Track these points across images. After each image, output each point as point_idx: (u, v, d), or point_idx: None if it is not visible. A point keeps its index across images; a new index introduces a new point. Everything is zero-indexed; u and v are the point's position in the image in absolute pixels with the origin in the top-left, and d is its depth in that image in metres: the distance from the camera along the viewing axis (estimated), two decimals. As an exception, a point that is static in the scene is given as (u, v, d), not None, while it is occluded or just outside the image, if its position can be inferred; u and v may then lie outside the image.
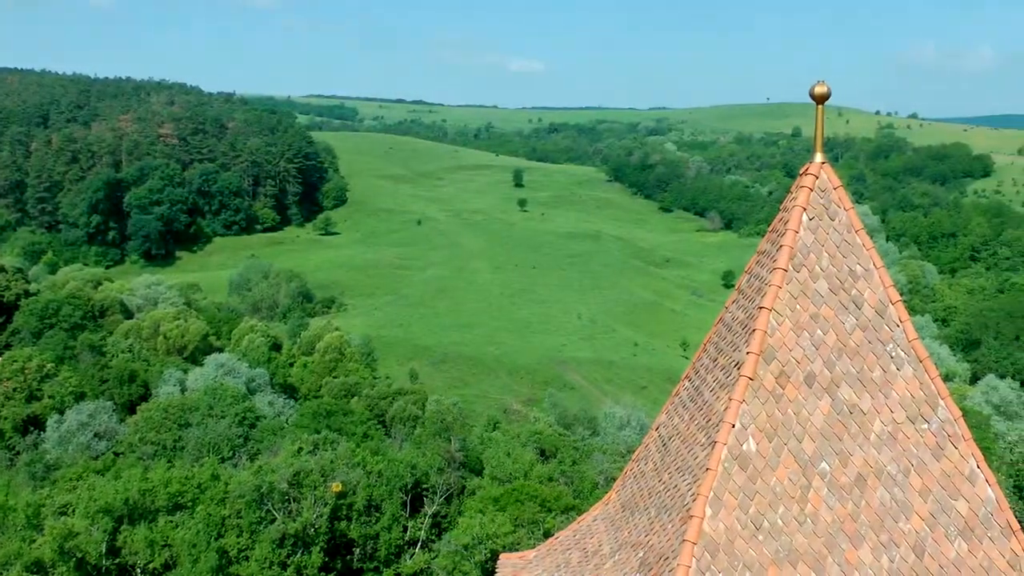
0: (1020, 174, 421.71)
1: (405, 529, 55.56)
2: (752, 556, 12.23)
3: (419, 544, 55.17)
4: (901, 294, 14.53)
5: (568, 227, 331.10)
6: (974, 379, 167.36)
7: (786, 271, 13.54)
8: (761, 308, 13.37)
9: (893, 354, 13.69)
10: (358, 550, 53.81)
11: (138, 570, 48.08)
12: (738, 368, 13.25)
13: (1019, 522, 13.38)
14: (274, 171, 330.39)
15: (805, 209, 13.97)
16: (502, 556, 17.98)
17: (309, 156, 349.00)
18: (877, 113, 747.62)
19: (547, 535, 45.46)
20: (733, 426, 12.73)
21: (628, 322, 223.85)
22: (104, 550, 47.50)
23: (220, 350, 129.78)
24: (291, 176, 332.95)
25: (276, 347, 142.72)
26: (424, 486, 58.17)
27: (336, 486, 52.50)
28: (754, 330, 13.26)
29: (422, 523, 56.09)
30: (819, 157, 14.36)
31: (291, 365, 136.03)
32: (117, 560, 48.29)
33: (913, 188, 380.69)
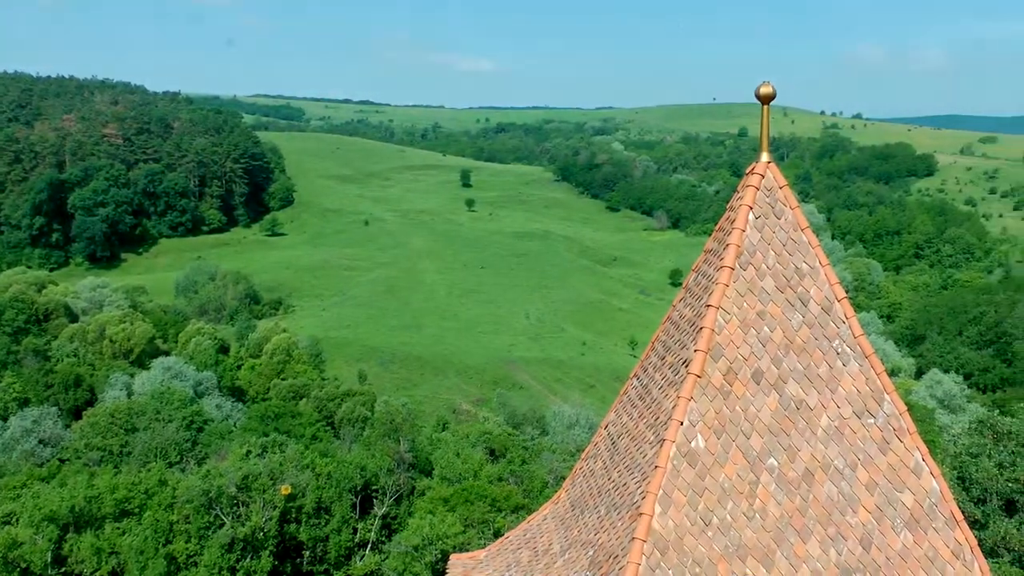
0: (963, 173, 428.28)
1: (355, 531, 55.34)
2: (701, 552, 12.29)
3: (369, 546, 54.97)
4: (847, 291, 14.68)
5: (516, 227, 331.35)
6: (919, 374, 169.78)
7: (733, 269, 13.62)
8: (708, 306, 13.44)
9: (839, 350, 13.82)
10: (308, 553, 53.53)
11: (84, 578, 47.45)
12: (686, 366, 13.31)
13: (962, 513, 13.57)
14: (220, 171, 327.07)
15: (751, 208, 14.06)
16: (452, 556, 17.95)
17: (256, 156, 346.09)
18: (822, 113, 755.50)
19: (497, 535, 45.48)
20: (681, 423, 12.79)
21: (576, 321, 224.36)
22: (49, 559, 46.81)
23: (167, 353, 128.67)
24: (237, 177, 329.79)
25: (224, 350, 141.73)
26: (374, 487, 57.94)
27: (285, 489, 52.17)
28: (702, 328, 13.32)
29: (372, 525, 55.88)
30: (765, 156, 14.46)
31: (239, 368, 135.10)
32: (63, 569, 47.64)
33: (858, 187, 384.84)
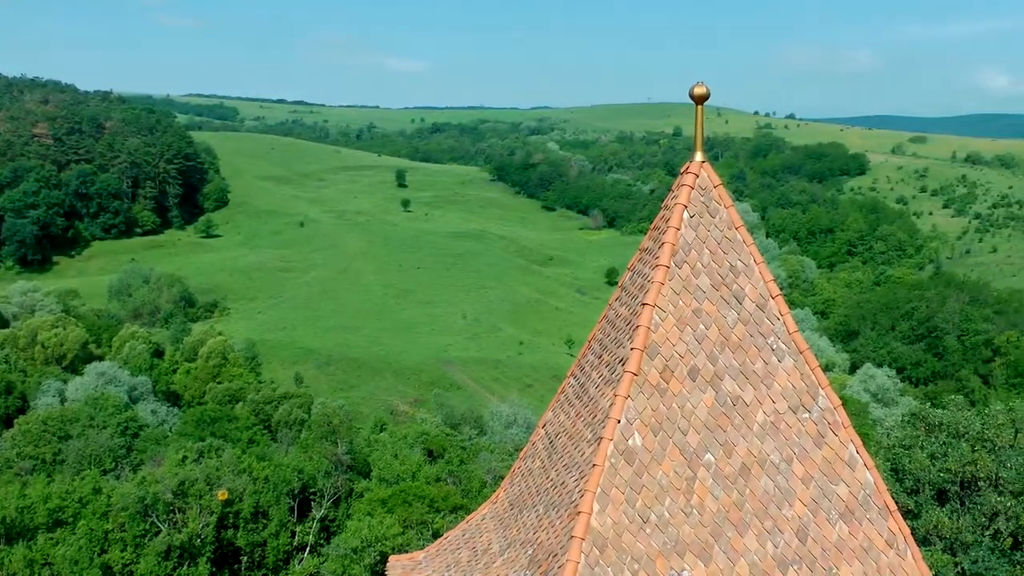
0: (894, 172, 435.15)
1: (293, 535, 54.97)
2: (640, 549, 12.36)
3: (307, 549, 54.61)
4: (781, 288, 14.82)
5: (452, 227, 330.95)
6: (853, 368, 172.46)
7: (668, 268, 13.71)
8: (644, 304, 13.51)
9: (774, 347, 13.98)
10: (245, 558, 53.07)
11: (17, 589, 46.58)
12: (622, 364, 13.37)
13: (896, 503, 13.79)
14: (153, 172, 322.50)
15: (686, 207, 14.16)
16: (391, 558, 17.88)
17: (189, 157, 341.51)
18: (756, 113, 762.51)
19: (436, 535, 45.40)
20: (619, 422, 12.85)
21: (513, 321, 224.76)
22: (-20, 572, 45.95)
23: (100, 358, 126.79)
24: (171, 177, 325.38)
25: (158, 354, 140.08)
26: (311, 490, 57.60)
27: (222, 494, 51.66)
28: (638, 326, 13.39)
29: (310, 528, 55.51)
30: (699, 156, 14.57)
31: (174, 372, 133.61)
32: (-6, 582, 46.78)
33: (791, 186, 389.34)
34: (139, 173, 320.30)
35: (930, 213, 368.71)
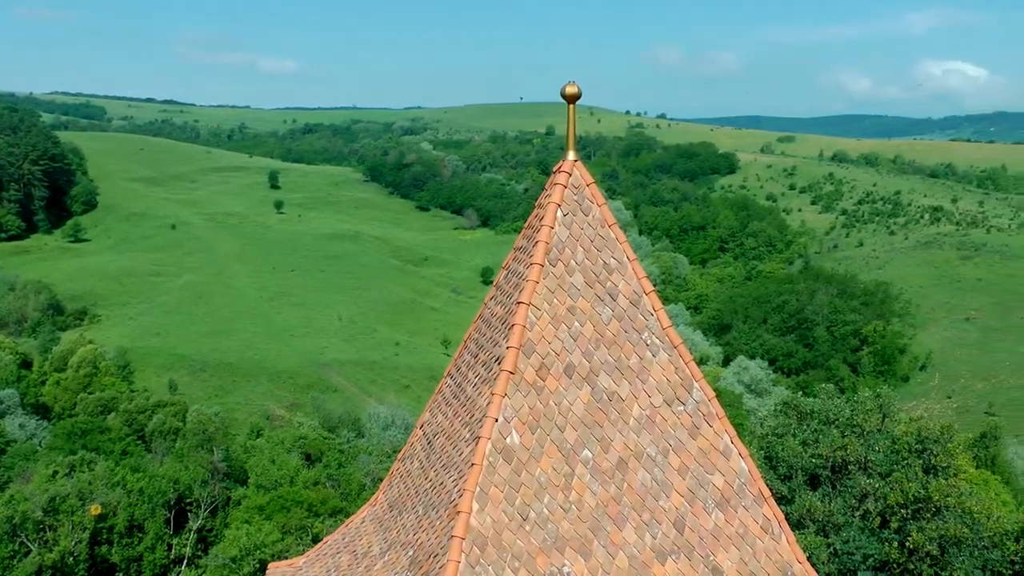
0: (763, 171, 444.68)
1: (170, 547, 53.91)
2: (520, 547, 12.40)
3: (185, 561, 53.61)
4: (654, 285, 15.03)
5: (326, 228, 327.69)
6: (726, 361, 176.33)
7: (542, 266, 13.78)
8: (519, 303, 13.56)
9: (648, 342, 14.15)
10: (121, 574, 51.80)
11: None
12: (499, 363, 13.39)
13: (770, 490, 14.12)
14: (17, 174, 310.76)
15: (559, 205, 14.24)
16: (271, 566, 17.63)
17: (56, 158, 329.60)
18: (627, 113, 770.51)
19: (316, 540, 44.96)
20: (496, 420, 12.86)
21: (389, 322, 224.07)
22: None
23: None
24: (36, 180, 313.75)
25: (26, 364, 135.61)
26: (188, 500, 56.57)
27: (95, 509, 50.37)
28: (513, 325, 13.43)
29: (187, 539, 54.51)
30: (572, 155, 14.66)
31: (43, 383, 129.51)
32: None
33: (663, 184, 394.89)
34: (2, 175, 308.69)
35: (799, 210, 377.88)
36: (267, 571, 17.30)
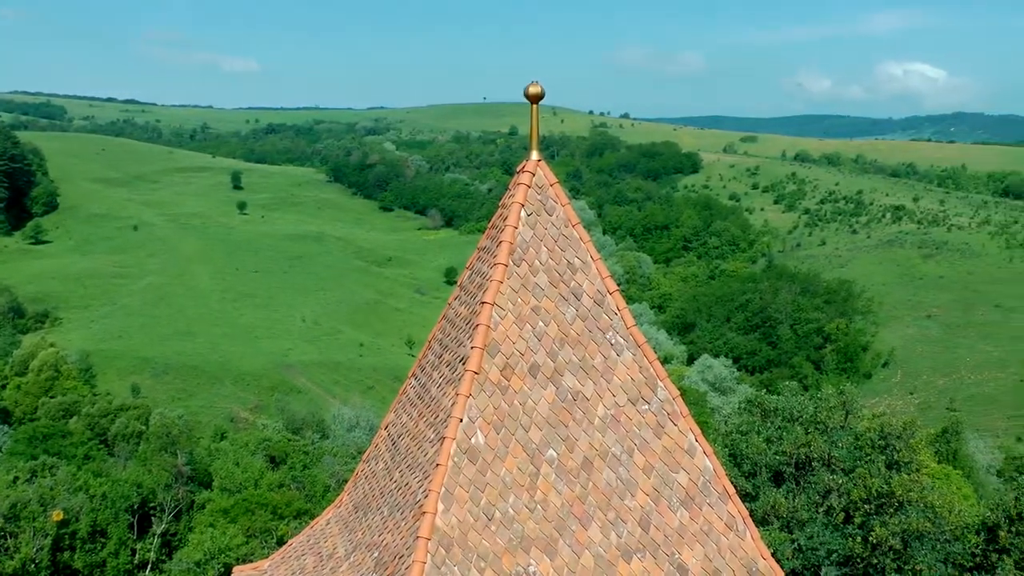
0: (726, 170, 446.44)
1: (133, 552, 53.46)
2: (486, 547, 12.40)
3: (149, 567, 53.21)
4: (619, 284, 15.06)
5: (289, 229, 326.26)
6: (690, 360, 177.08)
7: (506, 266, 13.78)
8: (483, 303, 13.56)
9: (613, 341, 14.19)
10: (83, 578, 51.31)
11: None
12: (463, 363, 13.39)
13: (735, 487, 14.21)
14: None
15: (523, 205, 14.25)
16: (235, 569, 17.52)
17: (16, 158, 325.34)
18: (591, 113, 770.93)
19: (281, 543, 44.75)
20: (461, 420, 12.86)
21: (353, 323, 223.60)
22: None
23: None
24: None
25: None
26: (151, 504, 56.16)
27: (57, 514, 49.88)
28: (477, 325, 13.43)
29: (151, 544, 54.12)
30: (535, 155, 14.67)
31: (3, 387, 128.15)
32: None
33: (627, 183, 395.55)
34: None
35: (762, 209, 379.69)
36: (232, 575, 17.19)
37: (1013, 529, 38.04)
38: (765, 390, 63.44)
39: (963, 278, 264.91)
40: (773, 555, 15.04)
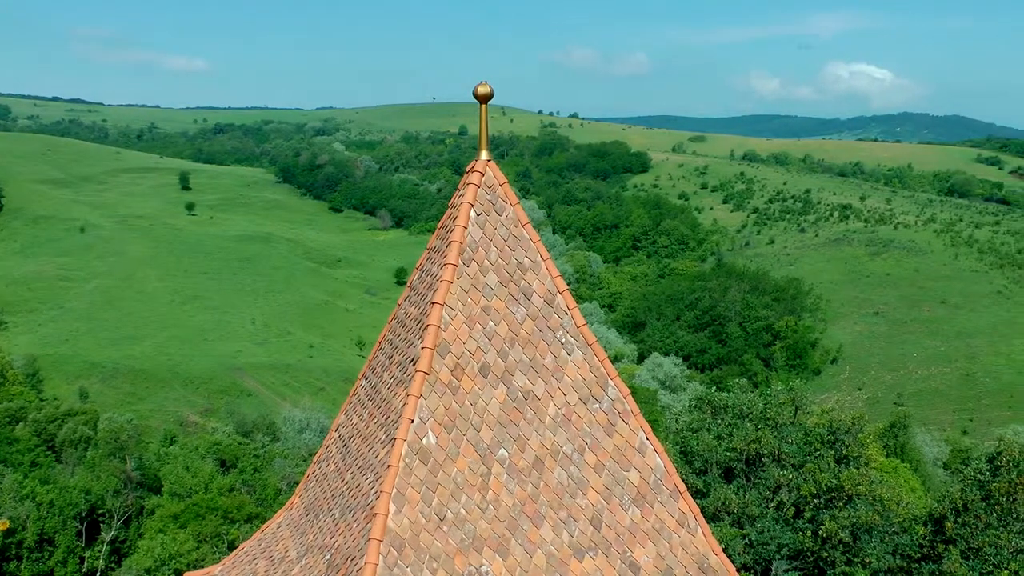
0: (675, 170, 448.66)
1: (82, 560, 52.82)
2: (438, 547, 12.39)
3: (98, 574, 52.52)
4: (568, 283, 15.12)
5: (238, 230, 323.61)
6: (641, 358, 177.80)
7: (456, 266, 13.79)
8: (433, 303, 13.55)
9: (563, 340, 14.23)
10: (31, 586, 50.58)
11: None
12: (413, 364, 13.37)
13: (686, 484, 14.30)
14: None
15: (472, 205, 14.25)
16: (186, 575, 17.38)
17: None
18: (540, 112, 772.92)
19: (232, 547, 44.45)
20: (412, 421, 12.84)
21: (303, 324, 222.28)
22: None
23: None
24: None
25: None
26: (100, 511, 55.50)
27: (2, 524, 49.16)
28: (427, 325, 13.42)
29: (100, 551, 53.47)
30: (485, 155, 14.68)
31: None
32: None
33: (576, 183, 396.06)
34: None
35: (711, 208, 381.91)
36: (182, 580, 17.05)
37: (959, 520, 38.62)
38: (715, 388, 63.86)
39: (909, 275, 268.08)
40: (725, 551, 15.18)
